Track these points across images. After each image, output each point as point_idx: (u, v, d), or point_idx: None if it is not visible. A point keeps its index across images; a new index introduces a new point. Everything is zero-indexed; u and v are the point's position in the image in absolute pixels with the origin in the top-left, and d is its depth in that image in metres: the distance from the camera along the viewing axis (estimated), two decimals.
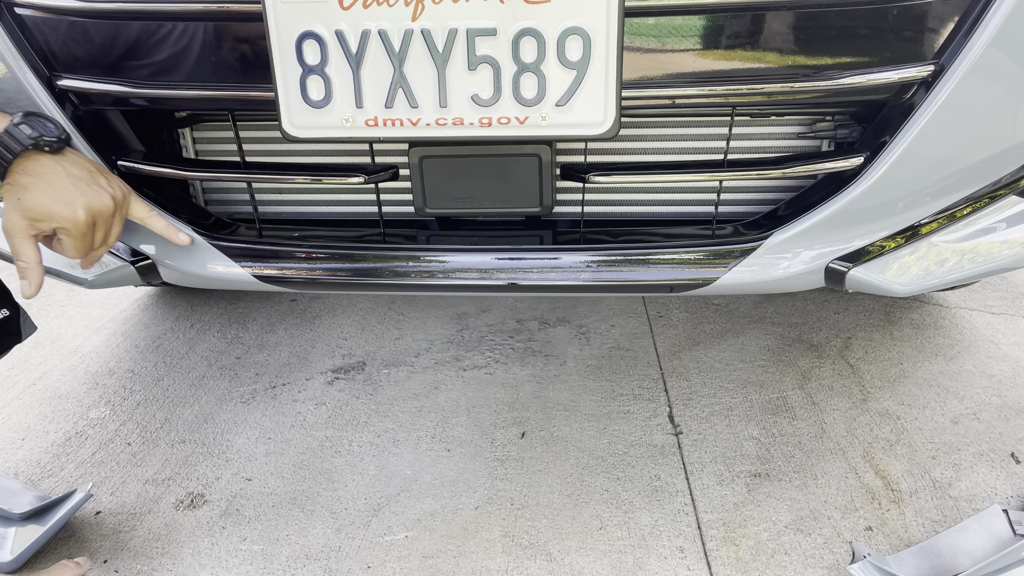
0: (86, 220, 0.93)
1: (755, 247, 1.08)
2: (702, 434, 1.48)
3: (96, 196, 0.94)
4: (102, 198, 0.94)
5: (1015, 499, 1.29)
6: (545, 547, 1.21)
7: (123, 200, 0.99)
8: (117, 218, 0.98)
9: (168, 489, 1.37)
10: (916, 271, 1.09)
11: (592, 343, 1.83)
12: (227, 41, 0.97)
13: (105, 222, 0.96)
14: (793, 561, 1.18)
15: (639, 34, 0.92)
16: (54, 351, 1.85)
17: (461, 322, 1.95)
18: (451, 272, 1.12)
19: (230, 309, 2.06)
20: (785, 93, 0.95)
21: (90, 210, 0.93)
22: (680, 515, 1.27)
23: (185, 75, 0.99)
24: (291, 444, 1.48)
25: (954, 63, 0.91)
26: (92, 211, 0.93)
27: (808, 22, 0.91)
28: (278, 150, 1.20)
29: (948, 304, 1.99)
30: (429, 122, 0.94)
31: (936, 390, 1.61)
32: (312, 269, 1.14)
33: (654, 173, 1.12)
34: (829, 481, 1.34)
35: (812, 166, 1.05)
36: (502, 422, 1.53)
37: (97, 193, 0.94)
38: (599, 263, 1.11)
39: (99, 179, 0.96)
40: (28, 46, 0.99)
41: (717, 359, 1.75)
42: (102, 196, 0.94)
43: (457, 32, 0.88)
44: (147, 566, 1.20)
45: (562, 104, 0.92)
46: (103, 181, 0.96)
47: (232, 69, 0.98)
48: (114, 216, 0.97)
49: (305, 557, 1.21)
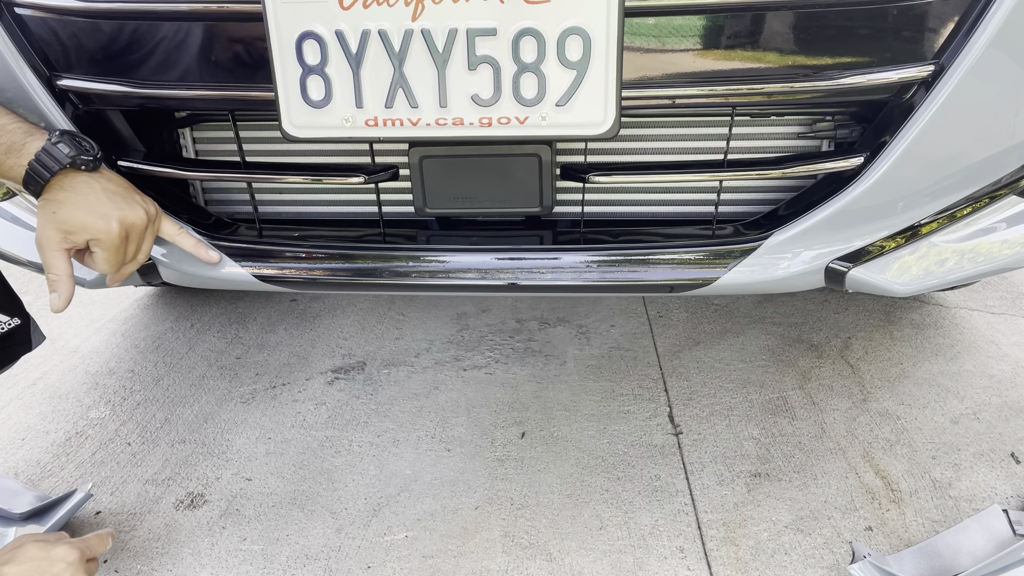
0: (120, 232, 0.95)
1: (755, 247, 1.08)
2: (702, 434, 1.48)
3: (130, 209, 0.97)
4: (136, 211, 0.97)
5: (1015, 499, 1.29)
6: (545, 547, 1.21)
7: (156, 216, 1.02)
8: (149, 233, 1.01)
9: (168, 489, 1.37)
10: (916, 271, 1.09)
11: (592, 343, 1.83)
12: (227, 41, 0.97)
13: (138, 236, 0.99)
14: (793, 561, 1.18)
15: (639, 34, 0.92)
16: (54, 351, 1.85)
17: (461, 322, 1.95)
18: (451, 272, 1.12)
19: (230, 309, 2.06)
20: (785, 93, 0.95)
21: (124, 222, 0.96)
22: (680, 515, 1.27)
23: (185, 75, 0.99)
24: (291, 444, 1.48)
25: (954, 63, 0.91)
26: (126, 223, 0.96)
27: (808, 22, 0.91)
28: (278, 150, 1.20)
29: (948, 304, 1.99)
30: (429, 122, 0.94)
31: (936, 390, 1.61)
32: (312, 269, 1.14)
33: (654, 173, 1.12)
34: (829, 481, 1.34)
35: (812, 166, 1.05)
36: (502, 422, 1.53)
37: (131, 207, 0.97)
38: (599, 263, 1.11)
39: (133, 195, 0.99)
40: (28, 46, 0.99)
41: (717, 359, 1.75)
42: (136, 210, 0.98)
43: (457, 32, 0.88)
44: (147, 566, 1.20)
45: (562, 104, 0.92)
46: (137, 197, 1.00)
47: (232, 69, 0.98)
48: (146, 231, 1.00)
49: (305, 557, 1.21)
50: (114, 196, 0.96)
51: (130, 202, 0.97)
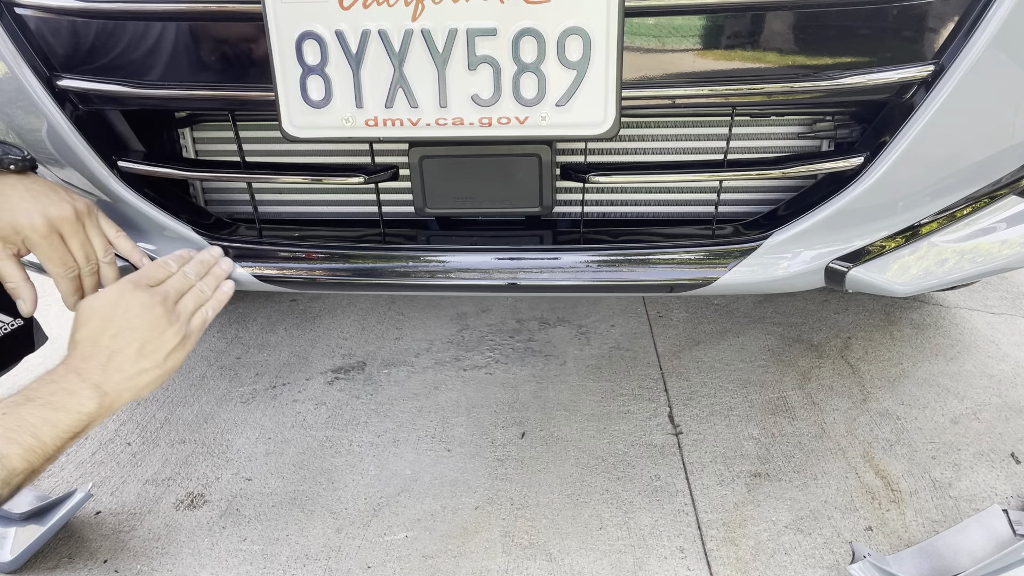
0: (44, 226, 0.95)
1: (755, 247, 1.08)
2: (702, 434, 1.48)
3: (54, 205, 0.96)
4: (60, 206, 0.96)
5: (1015, 499, 1.29)
6: (545, 547, 1.21)
7: (86, 211, 1.00)
8: (89, 228, 1.00)
9: (168, 489, 1.37)
10: (916, 271, 1.09)
11: (592, 343, 1.83)
12: (227, 41, 0.97)
13: (73, 232, 0.98)
14: (793, 561, 1.18)
15: (639, 34, 0.92)
16: (54, 351, 1.85)
17: (461, 322, 1.95)
18: (451, 272, 1.12)
19: (230, 309, 2.06)
20: (785, 93, 0.95)
21: (47, 216, 0.95)
22: (680, 515, 1.27)
23: (185, 75, 0.99)
24: (291, 444, 1.48)
25: (954, 63, 0.91)
26: (50, 217, 0.95)
27: (808, 22, 0.91)
28: (278, 150, 1.20)
29: (948, 304, 1.99)
30: (429, 122, 0.94)
31: (936, 390, 1.61)
32: (312, 269, 1.14)
33: (654, 173, 1.12)
34: (829, 481, 1.34)
35: (812, 166, 1.05)
36: (502, 422, 1.53)
37: (55, 203, 0.96)
38: (599, 263, 1.11)
39: (60, 192, 0.99)
40: (28, 46, 0.98)
41: (717, 359, 1.75)
42: (60, 205, 0.97)
43: (457, 32, 0.88)
44: (147, 566, 1.20)
45: (562, 104, 0.92)
46: (63, 194, 0.99)
47: (232, 69, 0.98)
48: (81, 226, 0.99)
49: (305, 557, 1.21)
50: (37, 195, 0.96)
51: (54, 198, 0.97)
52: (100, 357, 0.88)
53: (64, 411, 0.83)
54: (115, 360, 0.89)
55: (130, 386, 0.90)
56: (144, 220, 1.12)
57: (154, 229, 1.14)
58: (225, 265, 1.07)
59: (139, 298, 0.92)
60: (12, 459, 0.77)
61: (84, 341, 0.89)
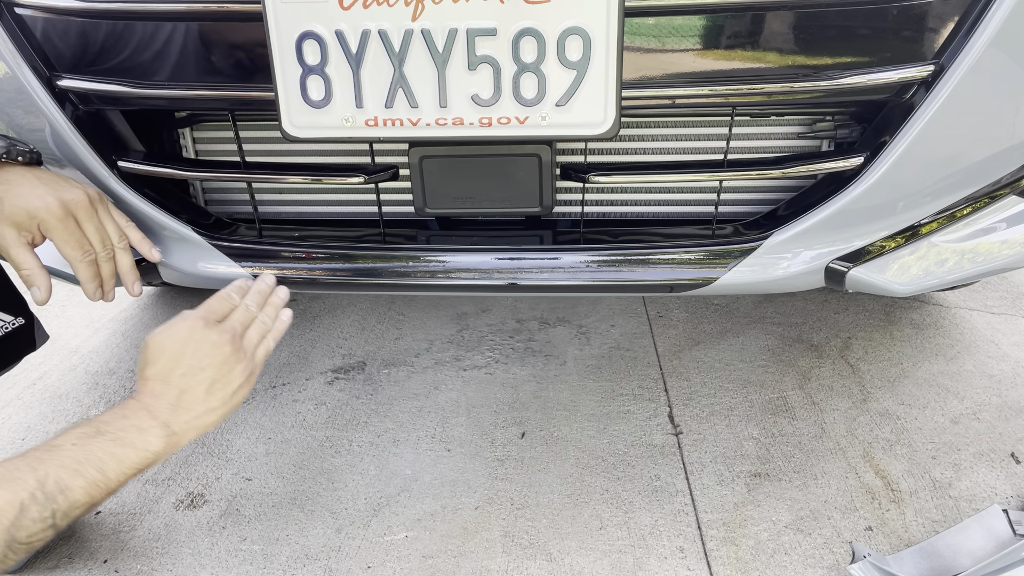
0: (60, 208, 0.95)
1: (755, 247, 1.09)
2: (702, 434, 1.48)
3: (67, 191, 0.97)
4: (73, 191, 0.97)
5: (1015, 499, 1.29)
6: (545, 547, 1.21)
7: (98, 198, 1.01)
8: (103, 216, 1.00)
9: (168, 489, 1.37)
10: (916, 271, 1.09)
11: (592, 343, 1.83)
12: (227, 41, 0.97)
13: (87, 216, 0.98)
14: (793, 561, 1.18)
15: (639, 34, 0.92)
16: (54, 351, 1.85)
17: (461, 322, 1.95)
18: (451, 272, 1.12)
19: None
20: (785, 93, 0.95)
21: (62, 199, 0.96)
22: (680, 515, 1.27)
23: (185, 75, 0.99)
24: (291, 444, 1.48)
25: (954, 63, 0.91)
26: (64, 200, 0.96)
27: (808, 22, 0.91)
28: (278, 150, 1.20)
29: (948, 304, 1.99)
30: (429, 122, 0.94)
31: (936, 390, 1.61)
32: (312, 269, 1.14)
33: (654, 173, 1.12)
34: (829, 481, 1.34)
35: (812, 166, 1.05)
36: (502, 422, 1.53)
37: (67, 188, 0.97)
38: (599, 263, 1.11)
39: (70, 180, 0.99)
40: (28, 46, 0.99)
41: (717, 359, 1.75)
42: (73, 190, 0.97)
43: (457, 32, 0.88)
44: (147, 566, 1.20)
45: (562, 104, 0.92)
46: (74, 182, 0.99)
47: (232, 69, 0.98)
48: (95, 211, 0.99)
49: (305, 557, 1.21)
50: (48, 181, 0.97)
51: (65, 185, 0.97)
52: (170, 396, 0.88)
53: (132, 448, 0.83)
54: (184, 399, 0.88)
55: (197, 424, 0.89)
56: (144, 220, 1.12)
57: (154, 229, 1.14)
58: (282, 294, 1.06)
59: (209, 336, 0.91)
60: (75, 492, 0.77)
61: (154, 378, 0.89)
